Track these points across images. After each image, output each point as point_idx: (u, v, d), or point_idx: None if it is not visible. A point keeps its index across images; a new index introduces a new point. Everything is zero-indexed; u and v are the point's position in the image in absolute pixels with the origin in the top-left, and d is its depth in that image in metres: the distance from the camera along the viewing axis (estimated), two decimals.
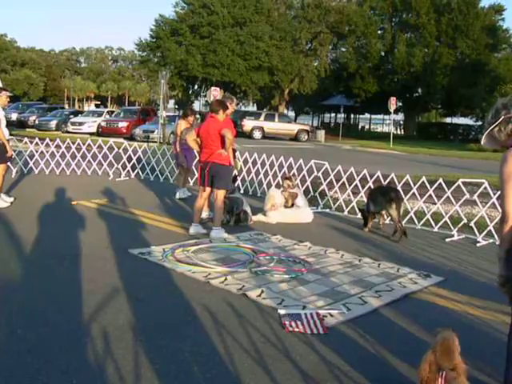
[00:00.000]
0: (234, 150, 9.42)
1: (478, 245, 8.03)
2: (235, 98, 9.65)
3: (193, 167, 11.41)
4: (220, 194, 7.81)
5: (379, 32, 52.49)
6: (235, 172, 9.34)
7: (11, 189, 10.85)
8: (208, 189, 7.90)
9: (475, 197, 8.81)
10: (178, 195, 10.92)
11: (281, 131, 38.24)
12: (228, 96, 9.42)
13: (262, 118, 37.98)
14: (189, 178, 11.66)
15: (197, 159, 9.84)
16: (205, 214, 8.71)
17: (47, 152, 13.92)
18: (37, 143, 14.21)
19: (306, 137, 38.41)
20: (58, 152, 13.98)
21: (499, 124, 3.23)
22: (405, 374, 3.74)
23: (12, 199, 9.46)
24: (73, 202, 9.86)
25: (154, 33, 50.60)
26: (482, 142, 3.37)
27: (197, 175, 9.52)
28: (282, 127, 38.35)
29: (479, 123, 50.69)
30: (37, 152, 13.83)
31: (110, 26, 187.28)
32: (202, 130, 7.86)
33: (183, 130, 10.71)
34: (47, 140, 14.45)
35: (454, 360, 3.11)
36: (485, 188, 8.80)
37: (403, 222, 9.06)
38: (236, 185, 9.86)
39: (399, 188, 9.52)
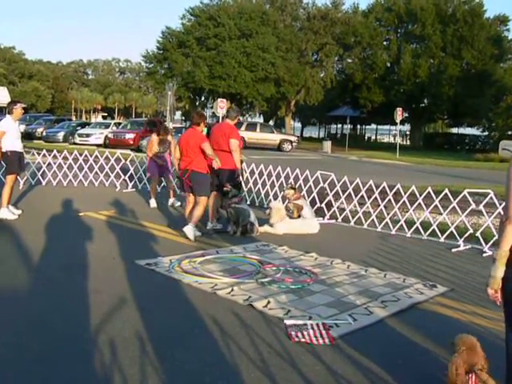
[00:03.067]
0: (241, 161, 9.50)
1: (484, 255, 8.02)
2: (241, 109, 9.91)
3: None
4: (201, 200, 8.30)
5: (385, 43, 52.75)
6: (241, 180, 9.43)
7: (19, 200, 10.92)
8: (192, 195, 8.46)
9: (481, 207, 8.81)
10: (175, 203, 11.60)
11: (262, 141, 37.33)
12: (235, 109, 9.57)
13: (243, 127, 36.64)
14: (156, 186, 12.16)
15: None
16: (212, 225, 8.88)
17: (55, 163, 14.01)
18: (44, 155, 14.30)
19: (290, 147, 37.66)
20: (65, 164, 14.06)
21: None
22: (411, 383, 3.74)
23: (20, 212, 9.51)
24: (80, 214, 9.91)
25: (161, 45, 50.96)
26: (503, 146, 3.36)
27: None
28: (263, 137, 37.59)
29: (486, 133, 50.68)
30: (44, 164, 13.91)
31: (117, 38, 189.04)
32: (182, 140, 8.47)
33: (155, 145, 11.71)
34: (54, 152, 14.55)
35: (483, 359, 3.14)
36: (491, 198, 8.80)
37: (409, 232, 9.09)
38: (243, 195, 9.90)
39: (405, 199, 9.56)
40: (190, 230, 8.08)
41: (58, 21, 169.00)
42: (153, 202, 11.29)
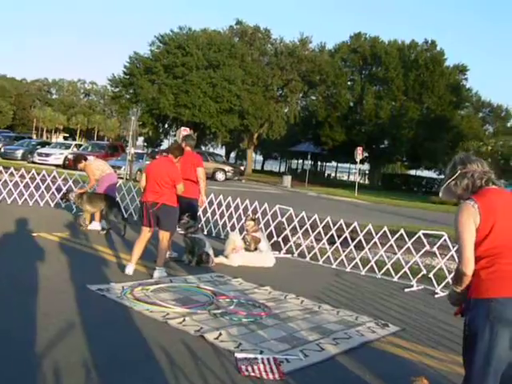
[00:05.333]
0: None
1: (436, 296, 8.14)
2: (204, 139, 9.88)
3: None
4: (166, 235, 7.74)
5: (349, 83, 53.89)
6: (200, 211, 9.37)
7: None
8: (151, 229, 7.76)
9: (435, 248, 8.97)
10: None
11: None
12: (193, 137, 9.56)
13: None
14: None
15: None
16: (167, 254, 8.67)
17: (11, 181, 13.72)
18: (0, 171, 14.01)
19: (224, 177, 36.81)
20: (22, 182, 13.79)
21: (456, 178, 3.36)
22: None
23: None
24: (33, 234, 9.70)
25: (128, 69, 50.84)
26: (440, 195, 3.50)
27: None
28: None
29: (441, 176, 51.94)
30: (0, 180, 13.62)
31: (83, 60, 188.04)
32: (153, 169, 7.78)
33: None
34: (11, 169, 14.27)
35: None
36: (444, 240, 8.97)
37: (364, 270, 9.19)
38: (199, 225, 9.86)
39: (361, 237, 9.67)
40: (161, 273, 7.57)
41: (23, 37, 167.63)
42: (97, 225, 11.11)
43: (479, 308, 3.19)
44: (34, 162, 32.15)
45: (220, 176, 36.90)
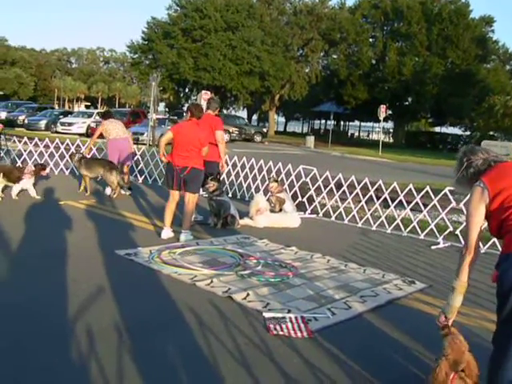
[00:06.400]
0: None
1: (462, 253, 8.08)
2: (226, 102, 9.82)
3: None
4: (192, 198, 7.80)
5: (370, 40, 52.90)
6: (223, 174, 9.38)
7: None
8: (179, 192, 7.81)
9: (461, 205, 8.88)
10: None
11: None
12: (216, 100, 9.50)
13: None
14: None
15: None
16: (193, 217, 8.73)
17: (36, 151, 13.85)
18: (25, 142, 14.14)
19: (228, 138, 34.30)
20: (46, 152, 13.92)
21: (463, 171, 3.46)
22: (387, 379, 3.76)
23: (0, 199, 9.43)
24: (60, 202, 9.83)
25: (146, 35, 50.56)
26: (454, 188, 3.58)
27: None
28: None
29: (467, 133, 51.14)
30: (25, 151, 13.76)
31: (102, 28, 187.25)
32: (182, 133, 7.70)
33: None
34: (36, 139, 14.38)
35: (470, 363, 3.19)
36: None
37: (390, 229, 9.16)
38: (224, 188, 9.88)
39: (386, 195, 9.62)
40: (187, 236, 7.60)
41: (41, 7, 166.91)
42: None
43: (509, 261, 3.16)
44: (57, 132, 32.36)
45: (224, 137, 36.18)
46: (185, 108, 59.92)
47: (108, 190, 11.11)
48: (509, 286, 3.13)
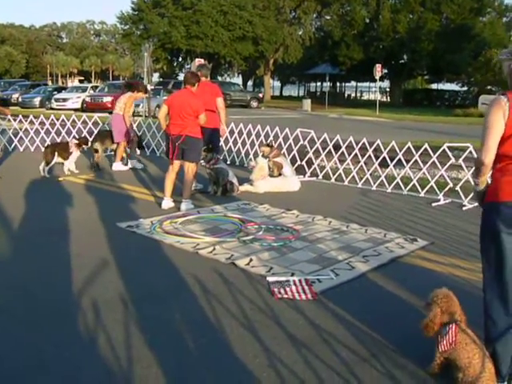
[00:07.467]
0: None
1: (463, 208, 8.10)
2: (220, 69, 9.69)
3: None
4: (191, 166, 7.76)
5: None
6: (221, 140, 9.34)
7: None
8: (179, 162, 7.77)
9: (461, 161, 8.86)
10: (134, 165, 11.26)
11: None
12: (208, 67, 9.38)
13: None
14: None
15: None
16: (193, 186, 8.70)
17: (31, 129, 13.78)
18: (21, 121, 14.06)
19: None
20: (42, 129, 13.84)
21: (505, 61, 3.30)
22: (393, 336, 3.80)
23: None
24: (59, 179, 9.82)
25: (136, 5, 49.89)
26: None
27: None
28: None
29: (465, 88, 50.71)
30: (21, 130, 13.69)
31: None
32: (175, 102, 7.65)
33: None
34: (31, 117, 14.31)
35: (460, 309, 3.23)
36: (470, 152, 8.85)
37: (390, 188, 9.16)
38: (222, 156, 9.85)
39: (385, 154, 9.58)
40: (188, 205, 7.61)
41: None
42: (120, 166, 11.15)
43: (491, 211, 3.16)
44: (52, 109, 32.16)
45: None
46: (180, 77, 59.52)
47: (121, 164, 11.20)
48: (488, 236, 3.17)
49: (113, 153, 11.79)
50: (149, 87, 27.19)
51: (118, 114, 11.13)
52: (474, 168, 3.35)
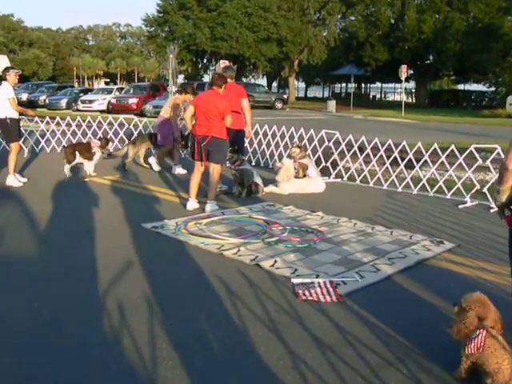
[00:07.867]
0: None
1: (491, 211, 7.98)
2: (244, 70, 9.67)
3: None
4: (217, 168, 7.73)
5: None
6: (246, 142, 9.33)
7: (24, 168, 10.92)
8: (204, 163, 7.75)
9: (488, 163, 8.72)
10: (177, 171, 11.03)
11: None
12: (233, 68, 9.38)
13: None
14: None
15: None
16: (218, 187, 8.72)
17: (58, 131, 13.95)
18: (47, 122, 14.24)
19: None
20: (68, 130, 14.00)
21: None
22: (418, 339, 3.75)
23: (25, 179, 9.53)
24: (85, 179, 9.92)
25: (161, 7, 50.23)
26: None
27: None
28: None
29: (492, 89, 50.02)
30: (48, 131, 13.87)
31: (116, 2, 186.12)
32: (200, 103, 7.63)
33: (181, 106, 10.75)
34: (58, 119, 14.48)
35: (495, 315, 3.17)
36: (498, 154, 8.72)
37: (416, 190, 9.06)
38: (247, 157, 9.84)
39: (411, 156, 9.50)
40: (213, 206, 7.62)
41: None
42: (180, 169, 11.05)
43: None
44: (78, 110, 32.53)
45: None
46: (205, 79, 59.70)
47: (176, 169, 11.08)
48: None
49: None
50: (174, 89, 27.44)
51: (163, 117, 10.96)
52: (498, 173, 3.29)
